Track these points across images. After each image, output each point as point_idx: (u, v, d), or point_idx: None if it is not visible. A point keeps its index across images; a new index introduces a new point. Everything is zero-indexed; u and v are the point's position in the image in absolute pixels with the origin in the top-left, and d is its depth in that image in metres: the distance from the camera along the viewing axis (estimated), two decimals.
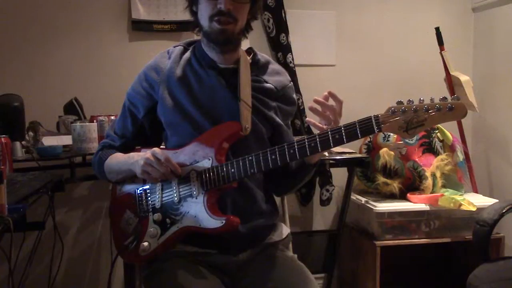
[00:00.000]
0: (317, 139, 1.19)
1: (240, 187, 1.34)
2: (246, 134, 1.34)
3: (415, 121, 1.10)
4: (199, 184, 1.30)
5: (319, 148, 1.19)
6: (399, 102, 1.12)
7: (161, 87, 1.40)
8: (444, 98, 1.08)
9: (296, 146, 1.21)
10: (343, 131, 1.15)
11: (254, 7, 1.39)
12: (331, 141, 1.17)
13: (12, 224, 1.10)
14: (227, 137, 1.32)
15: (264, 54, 1.52)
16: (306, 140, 1.20)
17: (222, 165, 1.28)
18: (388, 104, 1.14)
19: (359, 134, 1.14)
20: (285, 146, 1.22)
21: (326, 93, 1.23)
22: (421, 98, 1.10)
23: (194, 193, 1.30)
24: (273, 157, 1.23)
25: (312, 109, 1.25)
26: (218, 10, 1.32)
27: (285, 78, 1.50)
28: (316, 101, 1.23)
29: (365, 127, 1.13)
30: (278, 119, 1.45)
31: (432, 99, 1.10)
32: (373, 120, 1.12)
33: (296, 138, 1.25)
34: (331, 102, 1.24)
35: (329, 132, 1.17)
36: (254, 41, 2.50)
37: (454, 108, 1.07)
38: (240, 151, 1.32)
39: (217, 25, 1.33)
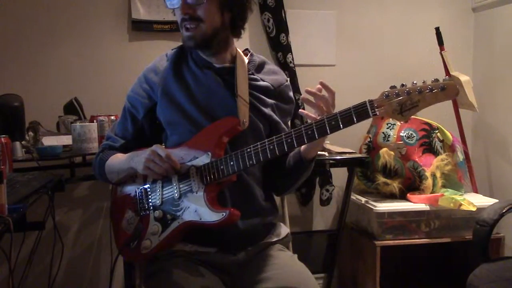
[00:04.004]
0: (314, 127, 1.19)
1: (239, 185, 1.35)
2: (244, 128, 1.35)
3: (408, 103, 1.12)
4: (199, 179, 1.31)
5: (316, 135, 1.19)
6: (392, 87, 1.14)
7: (160, 87, 1.42)
8: (436, 80, 1.11)
9: (293, 135, 1.22)
10: (339, 117, 1.16)
11: (223, 3, 1.35)
12: (327, 127, 1.18)
13: (12, 224, 1.10)
14: (225, 131, 1.34)
15: (260, 55, 1.54)
16: (303, 128, 1.21)
17: (221, 159, 1.29)
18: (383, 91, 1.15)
19: (354, 119, 1.15)
20: (283, 136, 1.23)
21: (318, 85, 1.24)
22: (414, 81, 1.12)
23: (194, 188, 1.31)
24: (271, 147, 1.24)
25: (304, 100, 1.26)
26: (182, 17, 1.34)
27: (281, 77, 1.52)
28: (308, 92, 1.24)
29: (360, 112, 1.15)
30: (275, 117, 1.46)
31: (424, 81, 1.11)
32: (368, 105, 1.14)
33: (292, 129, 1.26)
34: (323, 93, 1.25)
35: (325, 119, 1.18)
36: (254, 41, 2.51)
37: (446, 88, 1.09)
38: (238, 148, 1.32)
39: (185, 32, 1.36)
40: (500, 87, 2.63)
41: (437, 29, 2.54)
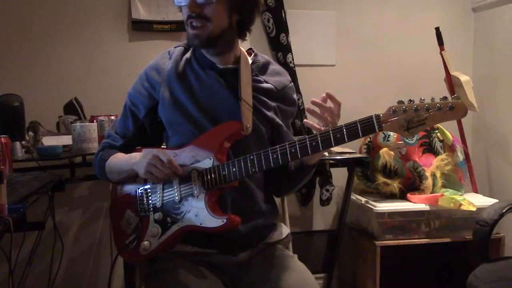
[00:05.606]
0: (319, 138, 1.19)
1: (240, 187, 1.34)
2: (247, 133, 1.34)
3: (416, 120, 1.11)
4: (200, 183, 1.30)
5: (321, 147, 1.19)
6: (400, 102, 1.12)
7: (162, 87, 1.40)
8: (445, 98, 1.09)
9: (297, 145, 1.21)
10: (344, 130, 1.16)
11: (232, 5, 1.33)
12: (332, 140, 1.17)
13: (12, 224, 1.10)
14: (228, 136, 1.33)
15: (264, 55, 1.52)
16: (307, 139, 1.20)
17: (223, 165, 1.29)
18: (388, 104, 1.14)
19: (360, 133, 1.14)
20: (287, 145, 1.22)
21: (324, 95, 1.23)
22: (422, 98, 1.11)
23: (195, 192, 1.30)
24: (275, 156, 1.23)
25: (309, 111, 1.25)
26: (188, 15, 1.32)
27: (285, 78, 1.50)
28: (313, 103, 1.23)
29: (367, 126, 1.13)
30: (278, 120, 1.45)
31: (432, 99, 1.10)
32: (374, 120, 1.13)
33: (297, 138, 1.25)
34: (329, 103, 1.24)
35: (331, 131, 1.17)
36: (254, 41, 2.50)
37: (454, 107, 1.08)
38: (240, 151, 1.32)
39: (190, 30, 1.34)
40: (500, 87, 2.63)
41: (437, 29, 2.54)
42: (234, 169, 1.27)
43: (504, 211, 1.89)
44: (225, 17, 1.33)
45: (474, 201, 2.21)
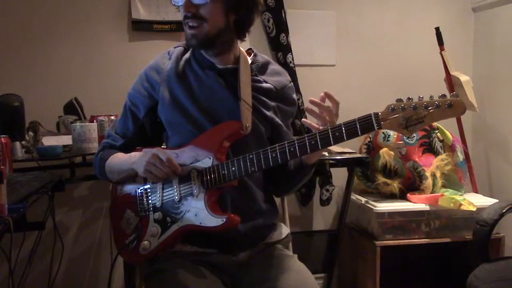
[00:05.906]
0: (317, 137, 1.19)
1: (239, 187, 1.34)
2: (246, 133, 1.34)
3: (414, 118, 1.11)
4: (199, 183, 1.30)
5: (320, 146, 1.19)
6: (399, 100, 1.13)
7: (162, 87, 1.41)
8: (443, 95, 1.09)
9: (296, 144, 1.21)
10: (343, 128, 1.16)
11: (228, 5, 1.32)
12: (331, 138, 1.17)
13: (12, 224, 1.10)
14: (228, 136, 1.33)
15: (264, 55, 1.52)
16: (306, 138, 1.20)
17: (223, 164, 1.29)
18: (388, 104, 1.14)
19: (359, 132, 1.14)
20: (286, 144, 1.22)
21: (322, 94, 1.23)
22: (420, 96, 1.11)
23: (195, 191, 1.30)
24: (274, 155, 1.24)
25: (308, 110, 1.25)
26: (184, 15, 1.33)
27: (285, 78, 1.50)
28: (312, 102, 1.23)
29: (365, 125, 1.14)
30: (277, 119, 1.45)
31: (431, 97, 1.11)
32: (373, 118, 1.13)
33: (296, 137, 1.25)
34: (327, 103, 1.24)
35: (329, 130, 1.17)
36: (254, 41, 2.50)
37: (453, 105, 1.08)
38: (239, 151, 1.32)
39: (188, 30, 1.34)
40: (500, 87, 2.63)
41: (437, 29, 2.54)
42: (233, 169, 1.27)
43: (504, 211, 1.89)
44: (222, 17, 1.33)
45: (474, 201, 2.21)
